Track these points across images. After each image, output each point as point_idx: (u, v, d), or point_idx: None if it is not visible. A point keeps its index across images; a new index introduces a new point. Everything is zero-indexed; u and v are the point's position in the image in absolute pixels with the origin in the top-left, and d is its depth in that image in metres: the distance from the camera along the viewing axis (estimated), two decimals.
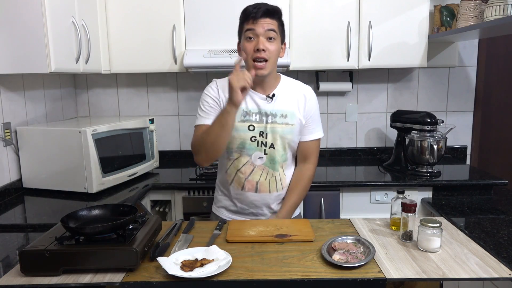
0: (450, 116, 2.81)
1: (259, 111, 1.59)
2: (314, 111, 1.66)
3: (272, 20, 1.49)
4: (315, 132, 1.68)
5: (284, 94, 1.61)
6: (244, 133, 1.59)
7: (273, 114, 1.59)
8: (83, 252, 1.14)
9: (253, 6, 1.51)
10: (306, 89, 1.67)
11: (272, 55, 1.50)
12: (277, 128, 1.59)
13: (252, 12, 1.48)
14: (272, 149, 1.61)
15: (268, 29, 1.48)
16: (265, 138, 1.59)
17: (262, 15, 1.47)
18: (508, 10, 1.85)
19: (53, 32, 1.84)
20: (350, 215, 2.25)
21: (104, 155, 2.05)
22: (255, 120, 1.59)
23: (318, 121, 1.69)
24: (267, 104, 1.59)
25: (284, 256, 1.26)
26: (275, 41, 1.50)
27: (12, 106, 2.06)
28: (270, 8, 1.49)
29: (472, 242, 1.37)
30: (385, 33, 2.40)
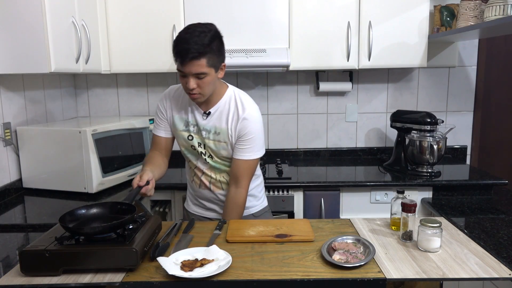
0: (450, 116, 2.81)
1: (196, 124, 1.64)
2: (246, 133, 1.58)
3: (199, 61, 1.43)
4: (247, 153, 1.60)
5: (220, 112, 1.60)
6: (186, 142, 1.67)
7: (207, 130, 1.62)
8: (83, 252, 1.14)
9: (181, 45, 1.43)
10: (245, 110, 1.59)
11: (204, 89, 1.49)
12: (211, 144, 1.63)
13: (179, 56, 1.44)
14: (211, 159, 1.67)
15: (195, 73, 1.45)
16: (203, 148, 1.66)
17: (189, 60, 1.42)
18: (508, 10, 1.85)
19: (53, 32, 1.84)
20: (350, 215, 2.25)
21: (104, 155, 2.05)
22: (193, 131, 1.65)
23: (251, 143, 1.60)
24: (203, 121, 1.62)
25: (284, 256, 1.26)
26: (206, 76, 1.46)
27: (12, 106, 2.06)
28: (195, 52, 1.41)
29: (472, 242, 1.37)
30: (385, 33, 2.40)
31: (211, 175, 1.69)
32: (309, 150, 2.85)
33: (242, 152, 1.60)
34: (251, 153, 1.61)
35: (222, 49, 1.53)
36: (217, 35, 1.50)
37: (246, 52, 2.33)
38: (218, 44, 1.49)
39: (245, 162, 1.61)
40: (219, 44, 1.50)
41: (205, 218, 1.77)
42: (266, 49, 2.33)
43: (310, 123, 2.84)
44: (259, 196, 1.81)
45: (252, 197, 1.76)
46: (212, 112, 1.61)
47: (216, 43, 1.48)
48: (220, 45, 1.51)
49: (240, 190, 1.63)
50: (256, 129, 1.60)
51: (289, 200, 2.24)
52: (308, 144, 2.86)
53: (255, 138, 1.60)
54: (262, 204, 1.81)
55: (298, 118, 2.83)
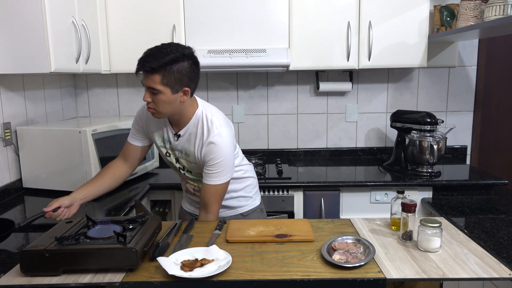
0: (450, 116, 2.81)
1: (170, 143, 1.66)
2: (211, 158, 1.56)
3: (153, 76, 1.43)
4: (213, 178, 1.57)
5: (189, 135, 1.60)
6: (164, 157, 1.73)
7: (179, 150, 1.65)
8: (83, 252, 1.14)
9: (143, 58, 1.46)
10: (210, 134, 1.56)
11: (158, 105, 1.49)
12: (184, 162, 1.67)
13: (137, 66, 1.46)
14: (190, 173, 1.70)
15: (148, 86, 1.46)
16: (180, 164, 1.70)
17: (144, 72, 1.45)
18: (508, 10, 1.85)
19: (53, 32, 1.84)
20: (350, 215, 2.25)
21: (104, 155, 2.05)
22: (169, 148, 1.68)
23: (217, 168, 1.56)
24: (175, 141, 1.64)
25: (284, 256, 1.26)
26: (160, 94, 1.45)
27: (12, 106, 2.06)
28: (148, 67, 1.42)
29: (472, 242, 1.37)
30: (385, 33, 2.40)
31: (194, 184, 1.73)
32: (309, 150, 2.85)
33: (209, 177, 1.57)
34: (218, 177, 1.57)
35: (190, 73, 1.48)
36: (186, 58, 1.46)
37: (246, 52, 2.33)
38: (183, 67, 1.46)
39: (212, 187, 1.58)
40: (185, 67, 1.46)
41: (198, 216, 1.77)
42: (266, 49, 2.33)
43: (310, 123, 2.84)
44: (249, 196, 1.81)
45: (242, 198, 1.78)
46: (182, 134, 1.61)
47: (180, 66, 1.45)
48: (187, 69, 1.47)
49: (209, 216, 1.61)
50: (223, 154, 1.55)
51: (289, 200, 2.24)
52: (308, 144, 2.86)
53: (222, 163, 1.56)
54: (252, 204, 1.82)
55: (298, 118, 2.83)
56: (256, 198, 1.86)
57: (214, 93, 2.80)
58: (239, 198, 1.77)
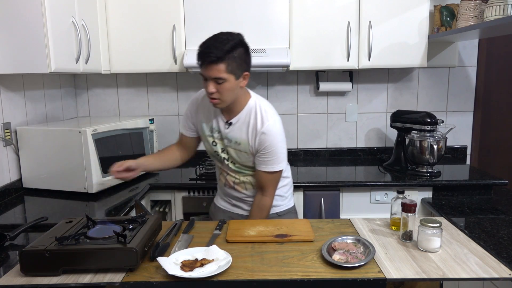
0: (450, 116, 2.81)
1: (220, 132, 1.69)
2: (265, 146, 1.60)
3: (218, 65, 1.47)
4: (268, 165, 1.63)
5: (241, 123, 1.64)
6: (210, 146, 1.74)
7: (229, 139, 1.67)
8: (83, 252, 1.14)
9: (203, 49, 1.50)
10: (264, 124, 1.61)
11: (223, 94, 1.53)
12: (232, 152, 1.68)
13: (200, 59, 1.51)
14: (233, 164, 1.71)
15: (214, 77, 1.50)
16: (226, 154, 1.71)
17: (208, 63, 1.48)
18: (508, 10, 1.85)
19: (53, 32, 1.84)
20: (350, 215, 2.25)
21: (104, 155, 2.05)
22: (217, 137, 1.70)
23: (271, 156, 1.62)
24: (225, 129, 1.67)
25: (284, 256, 1.26)
26: (225, 82, 1.50)
27: (12, 106, 2.06)
28: (214, 57, 1.46)
29: (472, 242, 1.37)
30: (385, 33, 2.39)
31: (235, 176, 1.74)
32: (309, 150, 2.85)
33: (263, 164, 1.64)
34: (272, 165, 1.64)
35: (246, 59, 1.56)
36: (242, 44, 1.53)
37: None
38: (241, 52, 1.52)
39: (268, 174, 1.65)
40: (242, 53, 1.53)
41: (231, 213, 1.81)
42: (266, 49, 2.33)
43: (310, 123, 2.84)
44: (285, 196, 1.82)
45: (278, 197, 1.78)
46: (233, 123, 1.64)
47: (239, 51, 1.51)
48: (244, 54, 1.54)
49: (265, 198, 1.68)
50: (276, 143, 1.61)
51: None
52: (308, 144, 2.86)
53: (275, 151, 1.62)
54: (287, 204, 1.83)
55: (298, 118, 2.83)
56: (291, 199, 1.87)
57: None
58: (275, 197, 1.75)
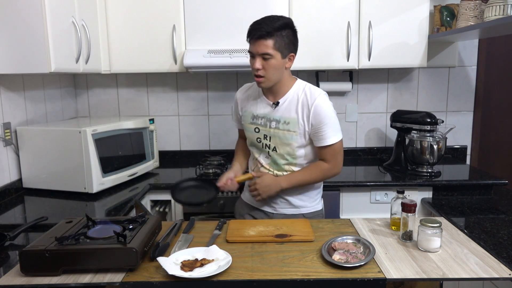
0: (450, 116, 2.81)
1: (264, 116, 1.70)
2: (319, 120, 1.62)
3: (266, 41, 1.53)
4: (326, 139, 1.65)
5: (289, 102, 1.66)
6: (252, 134, 1.74)
7: (276, 120, 1.67)
8: (83, 252, 1.14)
9: (253, 25, 1.57)
10: (313, 98, 1.63)
11: (268, 72, 1.58)
12: (279, 133, 1.67)
13: (249, 34, 1.57)
14: (275, 152, 1.69)
15: (261, 52, 1.54)
16: (268, 141, 1.70)
17: (257, 38, 1.54)
18: (508, 10, 1.85)
19: (53, 32, 1.84)
20: (350, 215, 2.25)
21: (104, 155, 2.05)
22: (261, 123, 1.71)
23: (327, 128, 1.63)
24: (272, 111, 1.68)
25: (284, 256, 1.26)
26: (272, 59, 1.55)
27: (12, 106, 2.06)
28: (264, 31, 1.52)
29: (472, 242, 1.37)
30: (385, 33, 2.39)
31: (269, 169, 1.73)
32: None
33: (321, 139, 1.65)
34: (329, 138, 1.64)
35: (294, 41, 1.61)
36: (291, 26, 1.58)
37: (246, 52, 2.32)
38: (289, 33, 1.57)
39: (328, 148, 1.66)
40: (290, 33, 1.58)
41: (257, 210, 1.80)
42: None
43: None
44: (314, 198, 1.79)
45: (306, 197, 1.76)
46: (281, 103, 1.66)
47: (287, 32, 1.56)
48: (291, 35, 1.58)
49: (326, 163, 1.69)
50: (328, 115, 1.63)
51: None
52: None
53: (330, 123, 1.63)
54: (316, 207, 1.79)
55: None
56: (320, 202, 1.83)
57: (214, 93, 2.79)
58: (303, 197, 1.74)
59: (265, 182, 1.66)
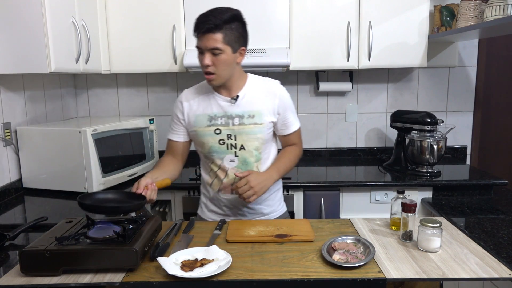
0: (450, 116, 2.81)
1: (224, 114, 1.59)
2: (285, 107, 1.63)
3: (215, 35, 1.44)
4: (291, 126, 1.68)
5: (250, 95, 1.60)
6: (212, 137, 1.60)
7: (239, 116, 1.58)
8: (83, 252, 1.14)
9: (200, 19, 1.46)
10: (274, 86, 1.64)
11: (219, 68, 1.49)
12: (246, 129, 1.58)
13: (196, 28, 1.47)
14: (243, 150, 1.60)
15: (210, 47, 1.45)
16: (233, 140, 1.59)
17: (205, 31, 1.44)
18: (508, 10, 1.85)
19: (53, 32, 1.84)
20: (350, 215, 2.25)
21: (104, 155, 2.05)
22: (221, 123, 1.59)
23: (291, 114, 1.67)
24: (232, 106, 1.59)
25: (284, 256, 1.26)
26: (222, 54, 1.46)
27: (12, 106, 2.06)
28: (212, 24, 1.42)
29: (472, 242, 1.37)
30: (385, 33, 2.40)
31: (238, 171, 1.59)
32: (309, 150, 2.85)
33: (290, 126, 1.67)
34: (296, 122, 1.70)
35: (244, 33, 1.54)
36: (240, 18, 1.51)
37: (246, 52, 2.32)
38: (239, 26, 1.50)
39: (295, 133, 1.71)
40: (240, 26, 1.51)
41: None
42: (266, 49, 2.33)
43: (310, 123, 2.83)
44: (280, 201, 1.77)
45: (273, 201, 1.71)
46: (240, 96, 1.59)
47: (237, 24, 1.49)
48: (241, 28, 1.51)
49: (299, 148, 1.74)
50: (291, 102, 1.68)
51: (289, 200, 2.23)
52: (308, 144, 2.86)
53: (293, 109, 1.69)
54: (282, 210, 1.77)
55: (298, 118, 2.82)
56: (284, 204, 1.81)
57: None
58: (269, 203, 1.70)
59: (259, 178, 1.51)
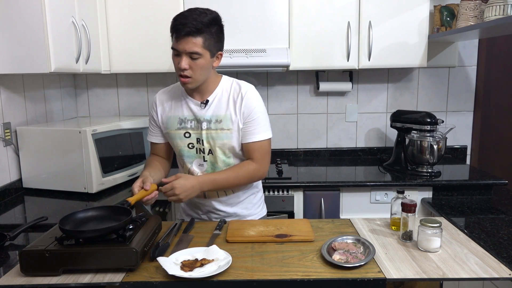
0: (450, 116, 2.81)
1: (194, 118, 1.56)
2: (251, 112, 1.53)
3: (196, 39, 1.39)
4: (256, 134, 1.54)
5: (219, 99, 1.55)
6: (181, 141, 1.58)
7: (207, 120, 1.55)
8: (83, 252, 1.14)
9: (179, 20, 1.40)
10: (244, 90, 1.55)
11: (196, 72, 1.44)
12: (213, 134, 1.54)
13: (175, 30, 1.41)
14: (211, 155, 1.57)
15: (189, 51, 1.40)
16: (202, 144, 1.56)
17: (185, 35, 1.39)
18: (508, 10, 1.85)
19: (53, 32, 1.84)
20: (350, 215, 2.25)
21: (104, 155, 2.05)
22: (191, 127, 1.56)
23: (258, 122, 1.54)
24: (201, 111, 1.55)
25: (284, 256, 1.26)
26: (200, 58, 1.42)
27: (12, 106, 2.06)
28: (193, 27, 1.38)
29: (472, 242, 1.37)
30: (385, 33, 2.39)
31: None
32: (309, 150, 2.85)
33: (250, 135, 1.53)
34: (259, 133, 1.54)
35: (221, 37, 1.50)
36: (218, 22, 1.46)
37: (246, 52, 2.33)
38: (217, 29, 1.46)
39: (257, 144, 1.54)
40: (218, 30, 1.46)
41: None
42: (266, 49, 2.33)
43: (310, 123, 2.84)
44: (259, 204, 1.74)
45: (250, 204, 1.69)
46: (210, 101, 1.54)
47: (216, 28, 1.45)
48: (219, 32, 1.47)
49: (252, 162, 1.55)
50: (260, 108, 1.55)
51: (289, 200, 2.24)
52: (308, 144, 2.86)
53: (261, 117, 1.54)
54: (261, 213, 1.74)
55: (298, 118, 2.83)
56: (264, 207, 1.78)
57: None
58: (247, 205, 1.67)
59: (184, 186, 1.42)
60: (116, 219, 1.24)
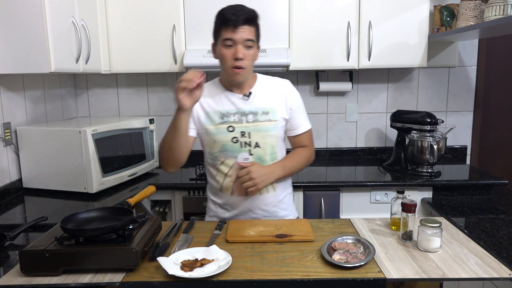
0: (450, 116, 2.81)
1: (237, 111, 1.55)
2: (297, 105, 1.63)
3: (250, 27, 1.45)
4: (302, 125, 1.65)
5: (262, 92, 1.58)
6: (224, 135, 1.55)
7: (253, 113, 1.55)
8: (83, 252, 1.14)
9: (231, 12, 1.44)
10: (285, 84, 1.64)
11: (249, 62, 1.49)
12: (261, 126, 1.54)
13: (231, 20, 1.42)
14: (258, 148, 1.55)
15: (247, 38, 1.45)
16: (248, 138, 1.54)
17: (242, 23, 1.43)
18: (508, 10, 1.85)
19: (53, 32, 1.84)
20: (350, 215, 2.25)
21: (104, 155, 2.05)
22: (234, 120, 1.54)
23: (303, 114, 1.66)
24: (245, 103, 1.55)
25: (284, 256, 1.26)
26: (253, 48, 1.48)
27: (12, 106, 2.06)
28: (248, 16, 1.44)
29: (472, 242, 1.37)
30: (385, 33, 2.40)
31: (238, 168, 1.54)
32: None
33: (301, 125, 1.64)
34: (307, 122, 1.67)
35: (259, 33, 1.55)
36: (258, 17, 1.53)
37: None
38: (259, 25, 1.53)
39: (307, 133, 1.66)
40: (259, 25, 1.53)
41: None
42: (266, 49, 2.33)
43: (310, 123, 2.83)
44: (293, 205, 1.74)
45: (286, 205, 1.67)
46: (253, 93, 1.56)
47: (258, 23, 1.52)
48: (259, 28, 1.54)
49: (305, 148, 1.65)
50: (301, 101, 1.67)
51: None
52: None
53: (304, 109, 1.67)
54: (295, 214, 1.74)
55: None
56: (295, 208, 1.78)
57: None
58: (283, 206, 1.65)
59: (261, 170, 1.46)
60: (118, 219, 1.24)
